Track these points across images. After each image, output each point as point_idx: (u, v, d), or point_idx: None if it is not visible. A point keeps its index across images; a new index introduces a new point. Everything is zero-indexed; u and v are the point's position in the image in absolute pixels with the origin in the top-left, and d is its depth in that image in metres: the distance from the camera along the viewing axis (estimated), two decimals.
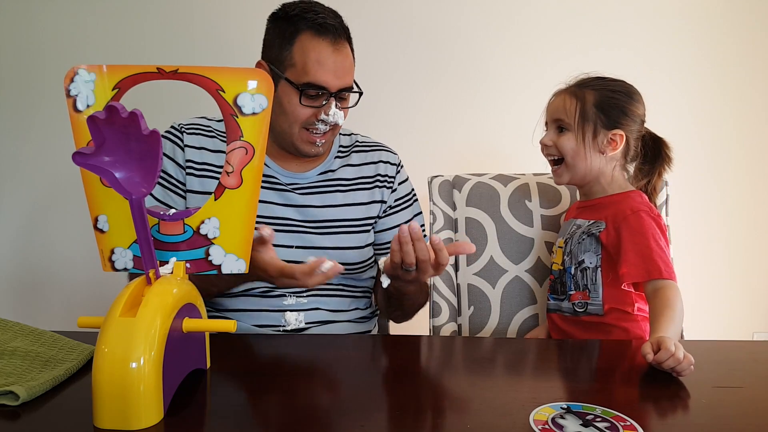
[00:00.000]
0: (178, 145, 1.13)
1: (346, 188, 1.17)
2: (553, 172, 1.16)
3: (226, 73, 0.70)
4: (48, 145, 1.82)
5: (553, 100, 1.15)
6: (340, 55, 1.05)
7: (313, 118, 1.06)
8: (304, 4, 1.07)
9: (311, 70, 1.03)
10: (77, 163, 0.57)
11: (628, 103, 1.10)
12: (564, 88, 1.15)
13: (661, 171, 1.16)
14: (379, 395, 0.72)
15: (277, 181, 1.14)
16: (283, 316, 1.09)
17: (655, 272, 0.99)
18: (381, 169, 1.21)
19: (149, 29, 1.80)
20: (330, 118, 1.05)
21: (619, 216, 1.07)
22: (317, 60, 1.03)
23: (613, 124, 1.09)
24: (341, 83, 1.06)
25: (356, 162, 1.20)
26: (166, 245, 0.72)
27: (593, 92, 1.10)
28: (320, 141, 1.09)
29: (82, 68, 0.69)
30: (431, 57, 1.82)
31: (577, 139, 1.10)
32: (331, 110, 1.05)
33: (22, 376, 0.71)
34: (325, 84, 1.04)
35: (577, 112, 1.09)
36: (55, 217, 1.86)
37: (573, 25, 1.82)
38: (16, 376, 0.71)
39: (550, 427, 0.61)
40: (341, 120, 1.08)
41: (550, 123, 1.15)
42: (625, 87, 1.12)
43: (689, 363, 0.74)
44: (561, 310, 1.14)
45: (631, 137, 1.11)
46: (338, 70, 1.05)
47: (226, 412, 0.65)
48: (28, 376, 0.71)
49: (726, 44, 1.85)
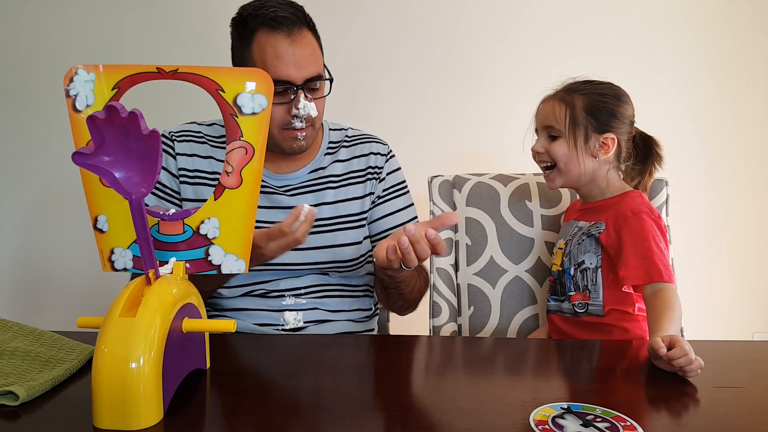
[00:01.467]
0: (170, 154, 1.12)
1: (336, 185, 1.16)
2: (546, 177, 1.16)
3: (225, 73, 0.70)
4: (47, 145, 1.82)
5: (541, 106, 1.15)
6: (298, 45, 1.03)
7: (287, 116, 1.05)
8: (256, 2, 1.05)
9: (271, 66, 1.01)
10: (77, 163, 0.57)
11: (617, 105, 1.10)
12: (552, 93, 1.14)
13: (652, 170, 1.16)
14: (379, 395, 0.72)
15: (265, 184, 1.13)
16: (282, 316, 1.09)
17: (655, 275, 0.99)
18: (371, 161, 1.20)
19: (149, 29, 1.79)
20: (301, 111, 1.03)
21: (619, 217, 1.07)
22: (275, 55, 1.02)
23: (604, 128, 1.09)
24: (305, 73, 1.03)
25: (344, 157, 1.19)
26: (165, 245, 0.72)
27: (582, 97, 1.10)
28: (301, 135, 1.07)
29: (82, 68, 0.69)
30: (431, 57, 1.82)
31: (569, 145, 1.09)
32: (300, 103, 1.03)
33: (22, 376, 0.71)
34: (288, 77, 1.02)
35: (567, 118, 1.09)
36: (55, 217, 1.86)
37: (573, 26, 1.82)
38: (15, 376, 0.71)
39: (550, 427, 0.60)
40: (314, 112, 1.06)
41: (541, 130, 1.14)
42: (613, 89, 1.12)
43: (699, 365, 0.74)
44: (561, 311, 1.14)
45: (622, 139, 1.11)
46: (299, 61, 1.03)
47: (226, 412, 0.65)
48: (27, 377, 0.71)
49: (726, 44, 1.84)
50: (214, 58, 1.76)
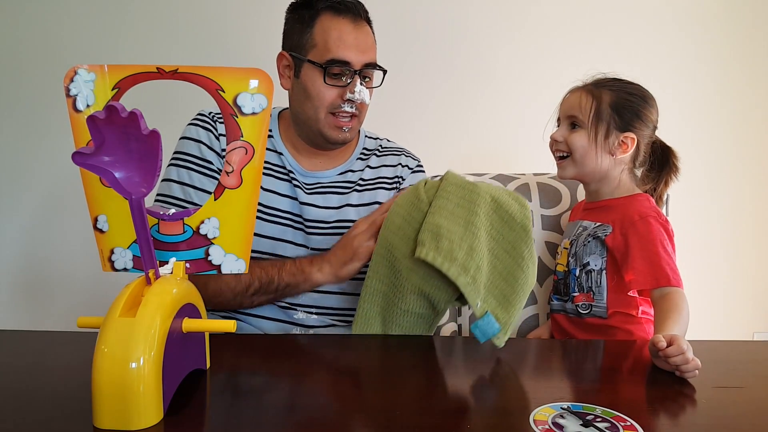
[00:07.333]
0: (214, 134, 1.11)
1: (362, 188, 1.16)
2: (558, 165, 1.15)
3: (225, 72, 0.70)
4: (47, 145, 1.82)
5: (568, 96, 1.15)
6: (361, 32, 1.05)
7: (338, 100, 1.05)
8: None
9: (333, 47, 1.03)
10: (77, 163, 0.57)
11: (643, 107, 1.10)
12: (581, 85, 1.14)
13: (667, 180, 1.15)
14: (379, 395, 0.72)
15: (293, 177, 1.12)
16: (292, 331, 1.09)
17: (663, 280, 0.99)
18: (399, 171, 1.21)
19: (149, 29, 1.80)
20: (356, 96, 1.04)
21: (626, 221, 1.06)
22: (338, 37, 1.03)
23: (626, 127, 1.09)
24: (365, 58, 1.05)
25: (375, 164, 1.20)
26: (165, 245, 0.72)
27: (610, 92, 1.10)
28: (347, 127, 1.08)
29: (82, 68, 0.69)
30: (433, 58, 1.82)
31: (589, 137, 1.09)
32: (356, 87, 1.04)
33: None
34: (348, 59, 1.03)
35: (592, 110, 1.09)
36: (55, 217, 1.86)
37: (577, 28, 1.82)
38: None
39: (550, 428, 0.60)
40: (368, 98, 1.07)
41: (563, 119, 1.14)
42: (641, 91, 1.12)
43: (696, 366, 0.74)
44: (565, 311, 1.14)
45: (642, 142, 1.11)
46: (360, 45, 1.05)
47: (226, 412, 0.65)
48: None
49: (726, 46, 1.85)
50: (214, 58, 1.76)
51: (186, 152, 1.10)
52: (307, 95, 1.06)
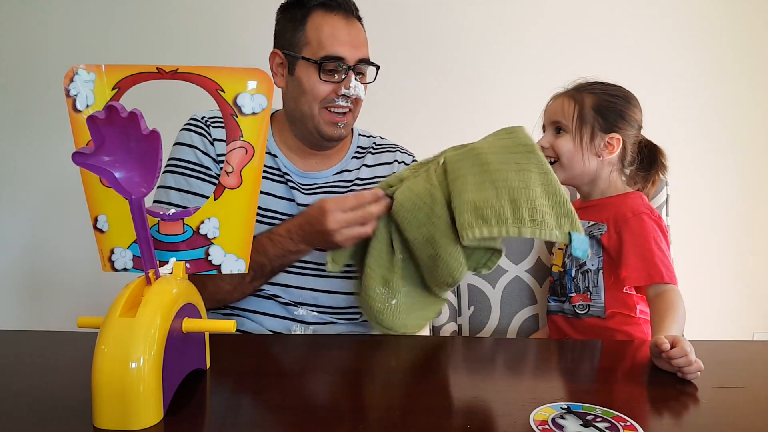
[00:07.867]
0: (208, 139, 1.10)
1: (360, 187, 1.16)
2: None
3: (225, 72, 0.70)
4: (48, 145, 1.82)
5: (551, 103, 1.15)
6: (353, 28, 1.06)
7: (333, 94, 1.06)
8: None
9: (327, 43, 1.03)
10: (77, 163, 0.57)
11: (626, 107, 1.10)
12: (562, 91, 1.15)
13: (655, 179, 1.16)
14: (379, 395, 0.72)
15: (289, 178, 1.12)
16: (292, 327, 1.09)
17: (656, 276, 0.99)
18: (395, 168, 1.21)
19: (149, 29, 1.80)
20: (351, 91, 1.05)
21: (620, 218, 1.07)
22: (331, 33, 1.04)
23: (611, 128, 1.09)
24: (359, 54, 1.06)
25: (371, 163, 1.20)
26: (165, 245, 0.72)
27: (592, 96, 1.10)
28: (342, 122, 1.08)
29: (82, 68, 0.69)
30: (433, 60, 1.82)
31: (574, 141, 1.10)
32: (351, 83, 1.05)
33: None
34: (343, 55, 1.04)
35: (575, 114, 1.09)
36: (56, 217, 1.86)
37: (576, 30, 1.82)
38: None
39: (550, 427, 0.60)
40: (362, 93, 1.07)
41: (548, 125, 1.15)
42: (623, 92, 1.12)
43: (698, 368, 0.74)
44: (563, 312, 1.14)
45: (628, 142, 1.11)
46: (353, 41, 1.05)
47: (226, 412, 0.65)
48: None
49: (726, 46, 1.85)
50: (214, 58, 1.76)
51: (181, 158, 1.09)
52: (301, 90, 1.06)
